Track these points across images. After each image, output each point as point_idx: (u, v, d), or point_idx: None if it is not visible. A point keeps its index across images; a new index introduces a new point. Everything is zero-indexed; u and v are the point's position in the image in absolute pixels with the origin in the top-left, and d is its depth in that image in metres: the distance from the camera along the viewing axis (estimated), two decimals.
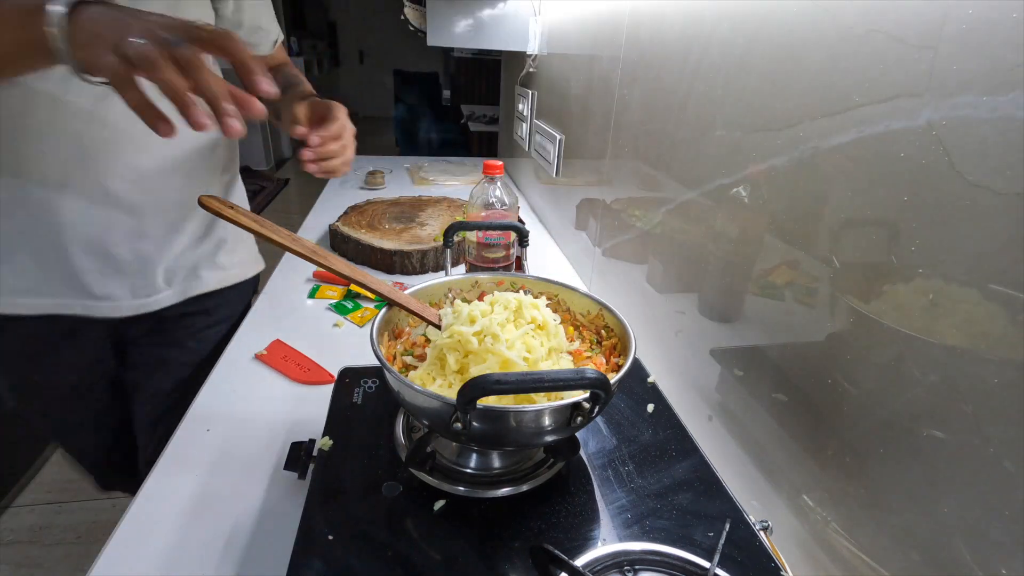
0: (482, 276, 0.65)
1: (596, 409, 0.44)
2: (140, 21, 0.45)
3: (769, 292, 0.57)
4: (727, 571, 0.42)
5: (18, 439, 1.67)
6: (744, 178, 0.60)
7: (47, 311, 0.78)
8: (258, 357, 0.82)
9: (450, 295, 0.63)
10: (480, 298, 0.64)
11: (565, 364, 0.54)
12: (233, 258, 0.96)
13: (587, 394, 0.43)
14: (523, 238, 0.61)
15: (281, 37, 0.98)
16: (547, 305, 0.57)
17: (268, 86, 0.46)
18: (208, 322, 0.95)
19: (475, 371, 0.50)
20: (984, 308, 0.36)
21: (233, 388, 0.76)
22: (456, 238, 0.62)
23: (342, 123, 0.75)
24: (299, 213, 4.64)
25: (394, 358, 0.55)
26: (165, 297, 0.87)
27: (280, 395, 0.75)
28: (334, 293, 1.03)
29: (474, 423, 0.42)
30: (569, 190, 1.29)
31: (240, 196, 0.99)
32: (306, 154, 0.70)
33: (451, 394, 0.48)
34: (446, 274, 0.63)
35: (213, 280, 0.93)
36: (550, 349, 0.53)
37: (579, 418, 0.44)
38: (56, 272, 0.76)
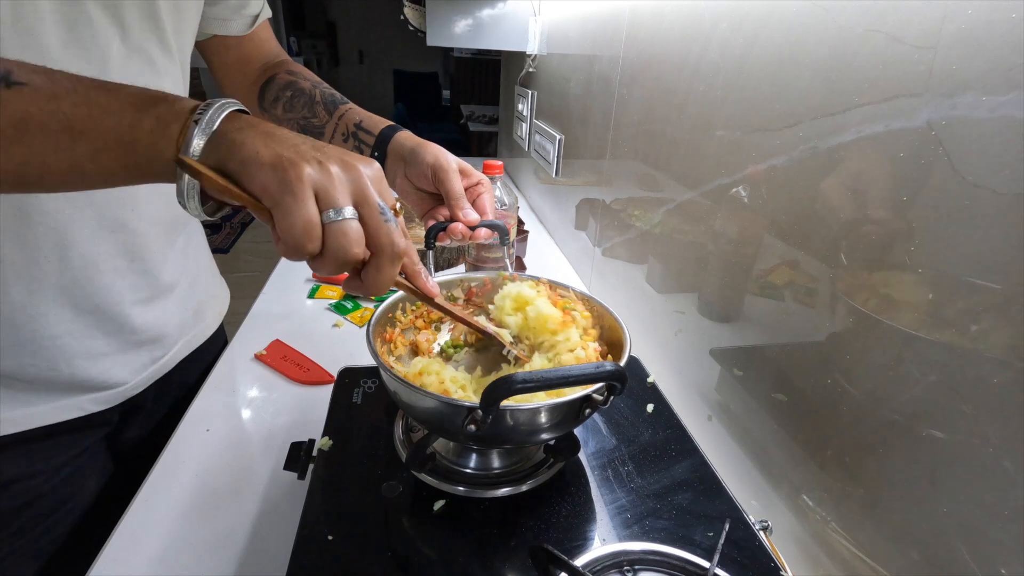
0: (468, 276, 0.65)
1: (609, 400, 0.44)
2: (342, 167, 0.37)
3: (769, 292, 0.57)
4: (727, 571, 0.42)
5: None
6: (744, 178, 0.60)
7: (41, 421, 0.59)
8: (258, 357, 0.82)
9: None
10: (469, 295, 0.64)
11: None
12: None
13: (598, 386, 0.43)
14: (503, 237, 0.61)
15: (267, 14, 0.79)
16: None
17: (435, 289, 0.48)
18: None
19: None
20: (984, 308, 0.36)
21: (233, 388, 0.76)
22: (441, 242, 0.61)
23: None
24: None
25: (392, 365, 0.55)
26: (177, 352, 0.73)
27: (280, 395, 0.75)
28: (333, 293, 1.03)
29: (489, 423, 0.41)
30: (569, 190, 1.29)
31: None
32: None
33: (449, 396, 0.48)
34: (431, 275, 0.63)
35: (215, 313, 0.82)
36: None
37: (588, 410, 0.44)
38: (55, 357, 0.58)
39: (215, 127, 0.36)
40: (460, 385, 0.49)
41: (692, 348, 0.72)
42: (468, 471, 0.52)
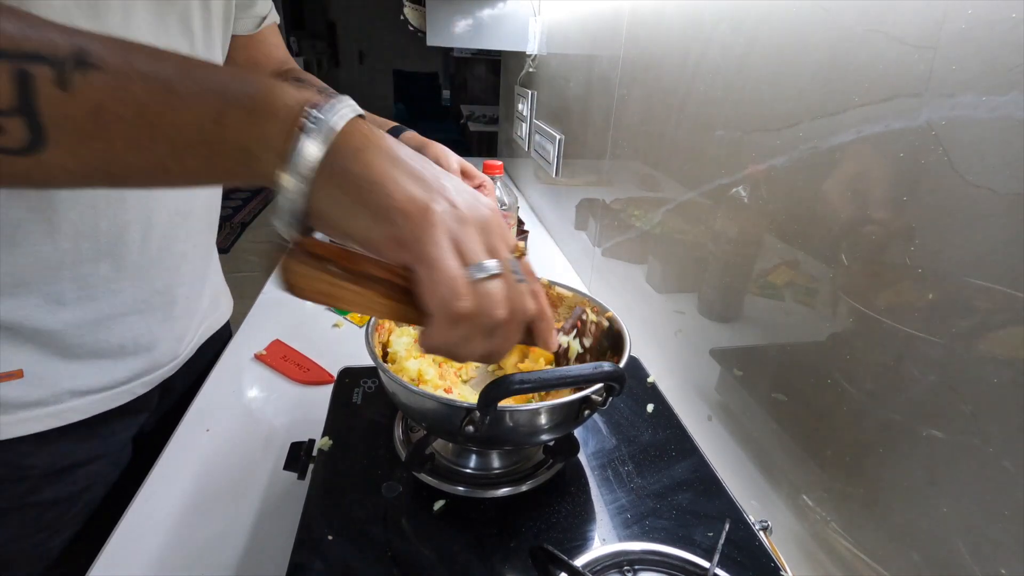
0: None
1: (608, 401, 0.44)
2: (466, 209, 0.31)
3: (769, 292, 0.57)
4: (727, 571, 0.42)
5: None
6: (744, 178, 0.60)
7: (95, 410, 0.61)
8: (258, 357, 0.82)
9: None
10: None
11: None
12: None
13: (598, 387, 0.43)
14: None
15: (275, 18, 0.79)
16: None
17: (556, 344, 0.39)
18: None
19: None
20: (984, 308, 0.36)
21: (233, 388, 0.76)
22: None
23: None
24: None
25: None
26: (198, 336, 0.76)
27: (280, 395, 0.75)
28: None
29: (487, 424, 0.41)
30: (569, 190, 1.29)
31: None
32: None
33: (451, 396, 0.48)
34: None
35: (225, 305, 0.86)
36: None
37: (587, 411, 0.44)
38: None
39: (332, 140, 0.29)
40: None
41: (692, 348, 0.72)
42: (468, 471, 0.52)
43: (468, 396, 0.51)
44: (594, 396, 0.44)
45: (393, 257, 0.30)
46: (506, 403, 0.41)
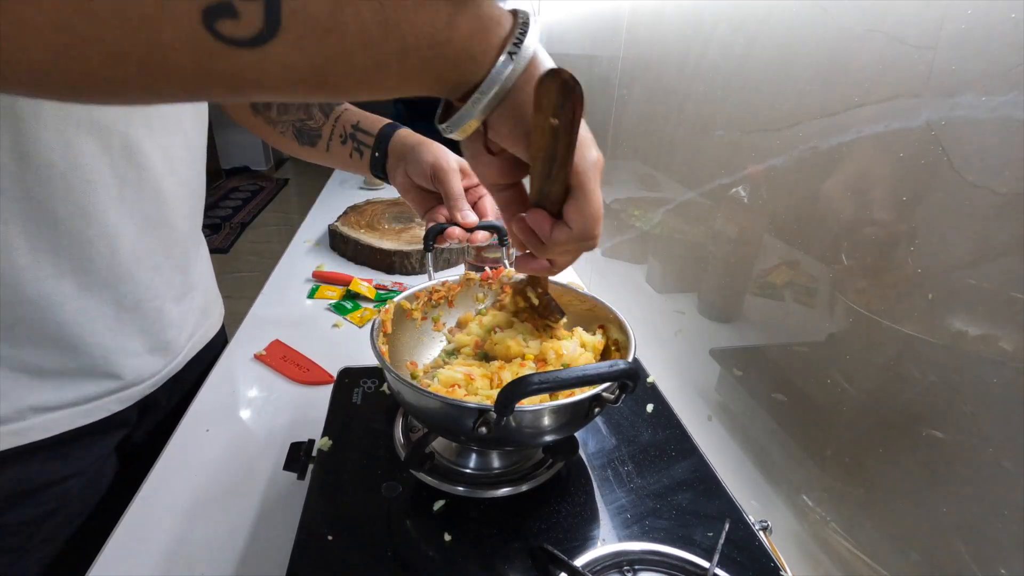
0: (470, 275, 0.64)
1: (621, 398, 0.44)
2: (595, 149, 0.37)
3: (769, 292, 0.58)
4: (727, 571, 0.42)
5: None
6: (744, 178, 0.60)
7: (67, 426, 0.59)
8: (257, 357, 0.82)
9: (434, 298, 0.62)
10: (483, 276, 0.63)
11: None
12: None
13: (606, 385, 0.43)
14: (502, 238, 0.61)
15: None
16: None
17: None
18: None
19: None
20: (983, 308, 0.36)
21: (233, 388, 0.76)
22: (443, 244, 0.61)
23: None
24: (298, 213, 4.63)
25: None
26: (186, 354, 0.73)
27: (279, 395, 0.75)
28: (333, 293, 1.03)
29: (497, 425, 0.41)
30: None
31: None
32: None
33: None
34: (429, 278, 0.62)
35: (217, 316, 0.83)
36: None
37: (596, 408, 0.44)
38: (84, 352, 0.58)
39: (529, 54, 0.32)
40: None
41: (692, 348, 0.72)
42: (468, 471, 0.52)
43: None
44: (605, 394, 0.43)
45: (576, 178, 0.36)
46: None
